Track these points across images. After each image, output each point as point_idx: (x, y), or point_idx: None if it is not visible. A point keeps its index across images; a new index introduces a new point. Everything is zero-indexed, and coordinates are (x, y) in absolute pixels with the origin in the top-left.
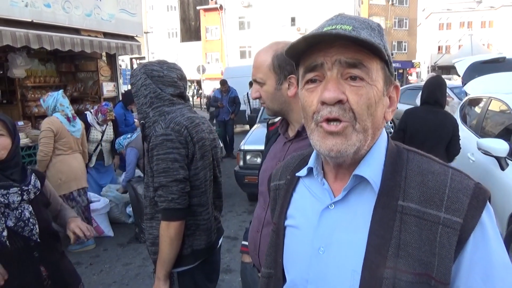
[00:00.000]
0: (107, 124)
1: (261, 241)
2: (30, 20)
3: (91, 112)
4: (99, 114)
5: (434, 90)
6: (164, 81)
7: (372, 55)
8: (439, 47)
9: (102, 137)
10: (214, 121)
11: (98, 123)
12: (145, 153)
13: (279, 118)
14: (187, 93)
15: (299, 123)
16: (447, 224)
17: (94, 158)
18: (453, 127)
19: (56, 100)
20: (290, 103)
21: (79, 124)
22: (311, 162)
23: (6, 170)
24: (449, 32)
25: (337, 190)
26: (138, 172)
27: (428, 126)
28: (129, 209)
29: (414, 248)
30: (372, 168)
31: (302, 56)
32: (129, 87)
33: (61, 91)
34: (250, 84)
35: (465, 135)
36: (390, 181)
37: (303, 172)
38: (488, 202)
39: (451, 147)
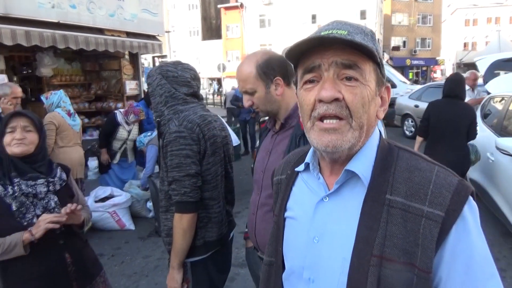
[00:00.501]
0: (134, 124)
1: (257, 221)
2: (56, 21)
3: (120, 112)
4: (131, 115)
5: (455, 85)
6: (179, 81)
7: (365, 58)
8: (465, 43)
9: (128, 136)
10: (233, 119)
11: (126, 123)
12: (160, 149)
13: None
14: (200, 92)
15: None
16: (430, 217)
17: (118, 156)
18: (471, 117)
19: (60, 97)
20: (279, 102)
21: (78, 119)
22: (308, 158)
23: (34, 163)
24: (475, 28)
25: (331, 184)
26: (158, 168)
27: (449, 116)
28: (149, 204)
29: (399, 238)
30: (363, 164)
31: (301, 58)
32: None
33: (62, 90)
34: None
35: (486, 134)
36: (379, 177)
37: (301, 167)
38: (470, 198)
39: (469, 133)
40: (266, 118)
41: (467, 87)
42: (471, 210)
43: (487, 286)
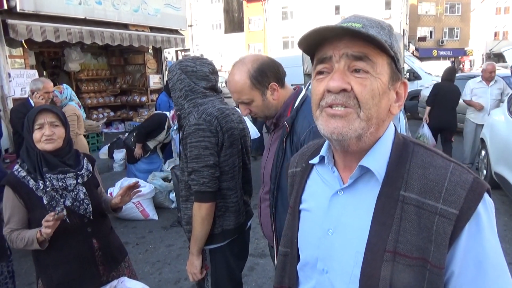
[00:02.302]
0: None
1: (261, 215)
2: (83, 17)
3: (168, 117)
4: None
5: (452, 73)
6: (197, 75)
7: (378, 51)
8: (495, 33)
9: (164, 139)
10: None
11: (169, 127)
12: (180, 141)
13: None
14: (218, 86)
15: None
16: (444, 215)
17: (149, 153)
18: (459, 93)
19: (70, 91)
20: (276, 105)
21: (83, 109)
22: (323, 151)
23: (63, 156)
24: (507, 17)
25: (346, 178)
26: (177, 162)
27: (450, 92)
28: (172, 195)
29: (413, 234)
30: (377, 160)
31: (316, 49)
32: None
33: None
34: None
35: None
36: (394, 173)
37: (315, 160)
38: (486, 195)
39: (457, 103)
40: None
41: (479, 79)
42: (485, 208)
43: (498, 282)
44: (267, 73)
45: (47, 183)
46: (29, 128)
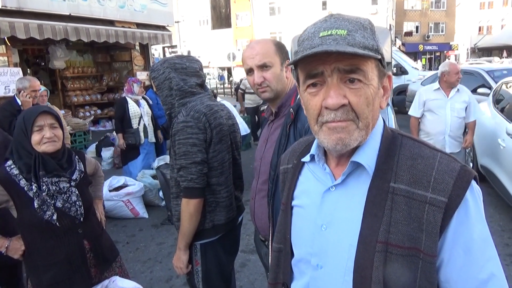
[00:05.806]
0: (140, 98)
1: (255, 206)
2: (68, 14)
3: (126, 94)
4: (134, 85)
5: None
6: (188, 72)
7: (366, 57)
8: (479, 27)
9: (141, 109)
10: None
11: (136, 101)
12: (170, 138)
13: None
14: (211, 82)
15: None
16: (433, 203)
17: (142, 135)
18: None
19: None
20: (286, 84)
21: None
22: (313, 150)
23: (60, 159)
24: (490, 12)
25: (338, 174)
26: (167, 159)
27: None
28: (162, 193)
29: (404, 225)
30: (368, 155)
31: (300, 61)
32: None
33: None
34: None
35: (497, 120)
36: (383, 165)
37: (307, 157)
38: (473, 182)
39: None
40: (265, 107)
41: (436, 87)
42: (473, 195)
43: (486, 267)
44: (285, 51)
45: (43, 187)
46: (26, 130)
